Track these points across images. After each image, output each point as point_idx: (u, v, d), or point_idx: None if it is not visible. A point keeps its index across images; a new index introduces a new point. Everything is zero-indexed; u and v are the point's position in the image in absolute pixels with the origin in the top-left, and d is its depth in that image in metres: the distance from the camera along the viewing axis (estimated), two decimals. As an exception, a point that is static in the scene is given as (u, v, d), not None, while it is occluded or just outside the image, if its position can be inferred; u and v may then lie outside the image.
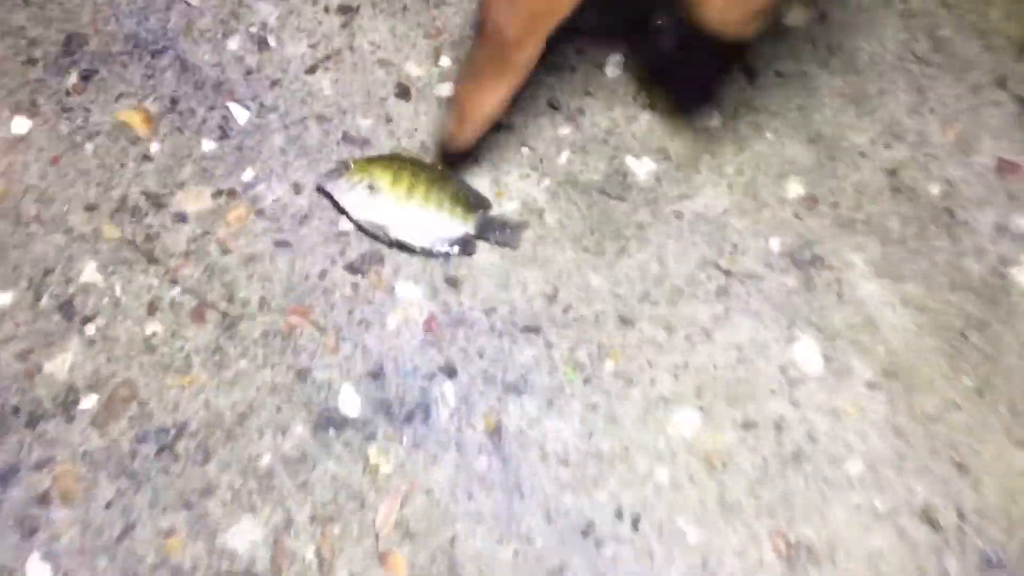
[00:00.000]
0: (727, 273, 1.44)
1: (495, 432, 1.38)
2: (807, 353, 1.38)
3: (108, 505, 1.35)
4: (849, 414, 1.37)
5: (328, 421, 1.39)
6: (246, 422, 1.39)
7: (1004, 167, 1.49)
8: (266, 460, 1.37)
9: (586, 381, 1.42)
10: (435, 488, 1.35)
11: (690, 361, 1.43)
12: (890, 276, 1.42)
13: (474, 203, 1.42)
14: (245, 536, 1.34)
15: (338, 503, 1.35)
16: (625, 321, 1.46)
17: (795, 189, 1.49)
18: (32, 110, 1.61)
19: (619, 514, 1.35)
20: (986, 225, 1.48)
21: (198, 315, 1.46)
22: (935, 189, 1.50)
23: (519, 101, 1.60)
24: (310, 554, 1.33)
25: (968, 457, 1.36)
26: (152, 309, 1.47)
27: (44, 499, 1.36)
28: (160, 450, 1.38)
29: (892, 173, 1.51)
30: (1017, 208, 1.55)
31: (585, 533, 1.34)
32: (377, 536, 1.33)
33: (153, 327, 1.45)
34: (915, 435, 1.32)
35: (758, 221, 1.47)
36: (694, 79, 1.60)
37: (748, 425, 1.35)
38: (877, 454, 1.36)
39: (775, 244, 1.45)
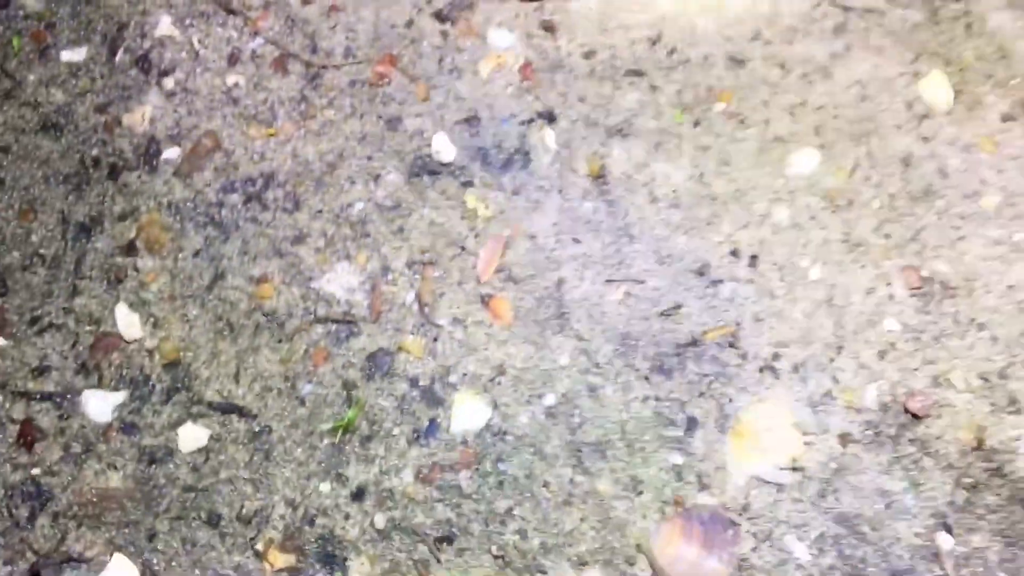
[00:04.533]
0: (845, 9, 1.40)
1: (600, 176, 1.32)
2: (935, 87, 1.35)
3: (196, 254, 1.33)
4: (983, 148, 1.31)
5: (422, 168, 1.34)
6: (336, 171, 1.35)
7: None
8: (359, 207, 1.33)
9: (696, 123, 1.35)
10: (539, 233, 1.31)
11: (808, 100, 1.36)
12: (1025, 8, 1.38)
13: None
14: (341, 282, 1.30)
15: (437, 249, 1.31)
16: (736, 61, 1.38)
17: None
18: None
19: (736, 254, 1.29)
20: None
21: (281, 66, 1.41)
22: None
23: None
24: (410, 298, 1.29)
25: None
26: (233, 61, 1.43)
27: (130, 249, 1.34)
28: (248, 199, 1.34)
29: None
30: None
31: (700, 273, 1.28)
32: (479, 280, 1.29)
33: (234, 78, 1.41)
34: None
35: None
36: None
37: (873, 162, 1.31)
38: (1016, 187, 1.29)
39: (897, -21, 1.41)
